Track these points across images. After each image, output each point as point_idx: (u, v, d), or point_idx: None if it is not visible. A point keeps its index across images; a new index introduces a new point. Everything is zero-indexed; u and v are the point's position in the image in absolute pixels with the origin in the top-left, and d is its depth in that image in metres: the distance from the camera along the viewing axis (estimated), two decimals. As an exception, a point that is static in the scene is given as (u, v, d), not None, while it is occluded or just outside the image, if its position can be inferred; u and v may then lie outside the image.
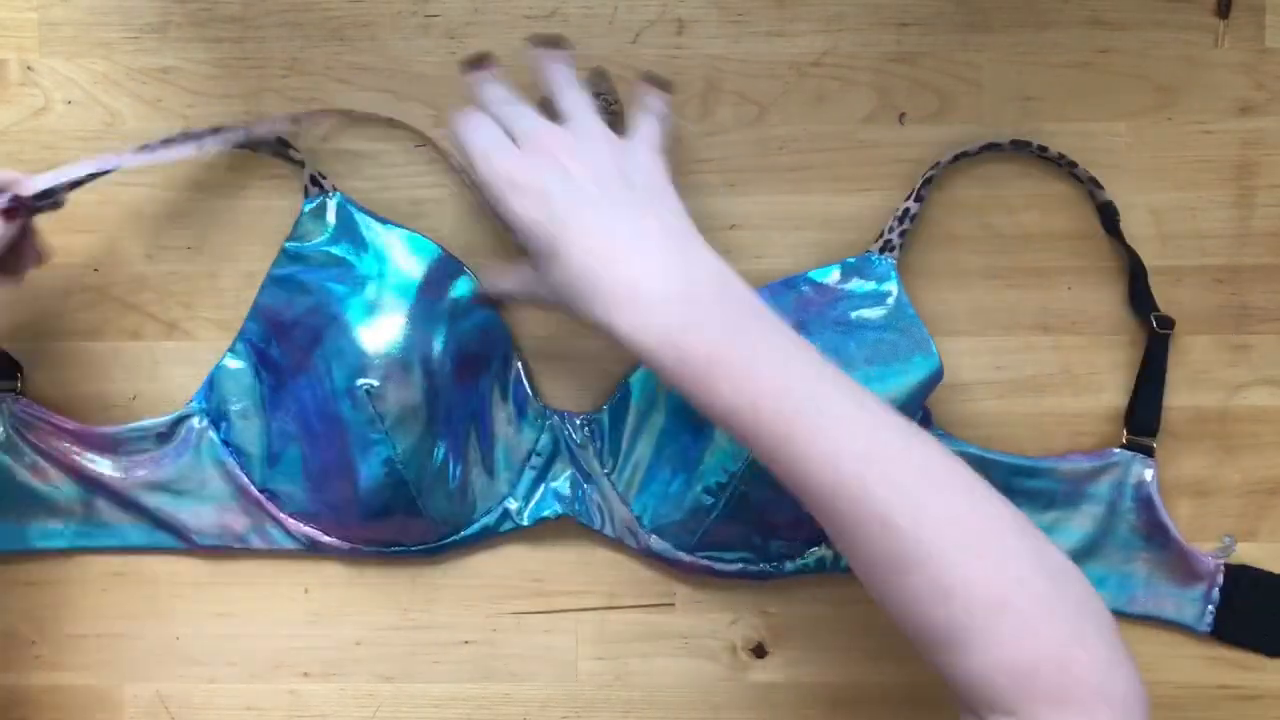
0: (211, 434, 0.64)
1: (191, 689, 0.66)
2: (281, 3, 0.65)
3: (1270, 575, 0.65)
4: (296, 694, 0.67)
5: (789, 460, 0.49)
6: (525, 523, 0.65)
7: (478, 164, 0.54)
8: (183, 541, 0.65)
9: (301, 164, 0.63)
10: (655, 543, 0.64)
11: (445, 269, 0.62)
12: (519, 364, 0.65)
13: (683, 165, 0.65)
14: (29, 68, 0.65)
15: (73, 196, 0.59)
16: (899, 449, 0.48)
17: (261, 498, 0.64)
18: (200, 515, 0.65)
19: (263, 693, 0.67)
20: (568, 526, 0.65)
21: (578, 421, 0.65)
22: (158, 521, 0.64)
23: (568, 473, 0.65)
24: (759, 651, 0.67)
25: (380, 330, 0.59)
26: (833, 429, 0.48)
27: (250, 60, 0.65)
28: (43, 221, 0.65)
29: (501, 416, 0.64)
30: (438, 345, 0.60)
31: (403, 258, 0.61)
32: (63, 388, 0.66)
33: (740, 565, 0.64)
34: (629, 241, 0.51)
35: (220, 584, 0.66)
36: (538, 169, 0.53)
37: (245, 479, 0.64)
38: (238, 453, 0.64)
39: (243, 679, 0.67)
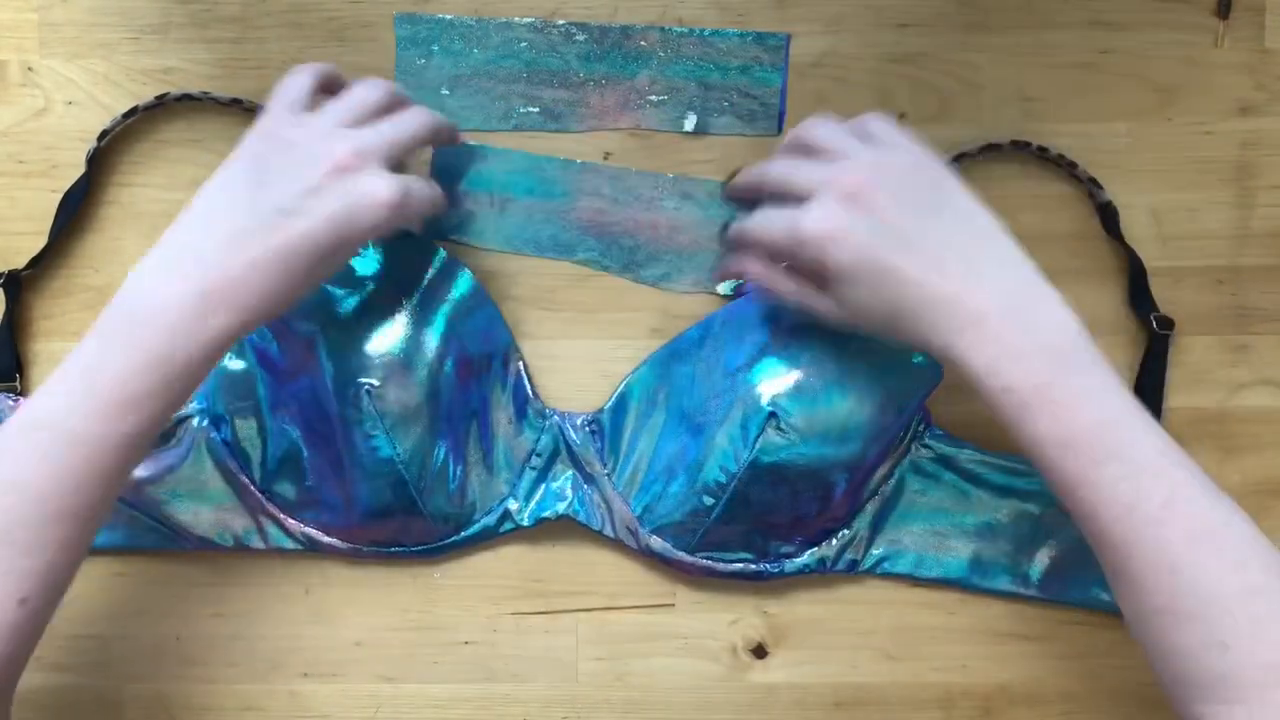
0: (211, 434, 0.64)
1: (191, 689, 0.66)
2: (281, 3, 0.65)
3: (1270, 575, 0.65)
4: (296, 694, 0.67)
5: (1091, 500, 0.50)
6: (525, 523, 0.65)
7: (783, 242, 0.55)
8: (182, 541, 0.65)
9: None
10: (655, 543, 0.64)
11: (448, 270, 0.62)
12: (520, 364, 0.65)
13: (683, 166, 0.65)
14: (29, 68, 0.65)
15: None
16: (1203, 506, 0.50)
17: (261, 497, 0.64)
18: (200, 515, 0.64)
19: (263, 693, 0.67)
20: (568, 526, 0.65)
21: (578, 421, 0.65)
22: (157, 521, 0.64)
23: (568, 473, 0.65)
24: (759, 651, 0.67)
25: (381, 331, 0.59)
26: (1139, 476, 0.50)
27: (250, 60, 0.65)
28: (36, 223, 0.65)
29: (502, 417, 0.64)
30: (439, 346, 0.60)
31: (405, 260, 0.61)
32: (63, 388, 0.66)
33: (740, 565, 0.64)
34: (963, 270, 0.52)
35: (220, 584, 0.66)
36: (845, 218, 0.53)
37: (245, 479, 0.64)
38: (238, 453, 0.64)
39: (243, 679, 0.67)
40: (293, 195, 0.52)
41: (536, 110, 0.65)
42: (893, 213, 0.53)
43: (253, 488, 0.64)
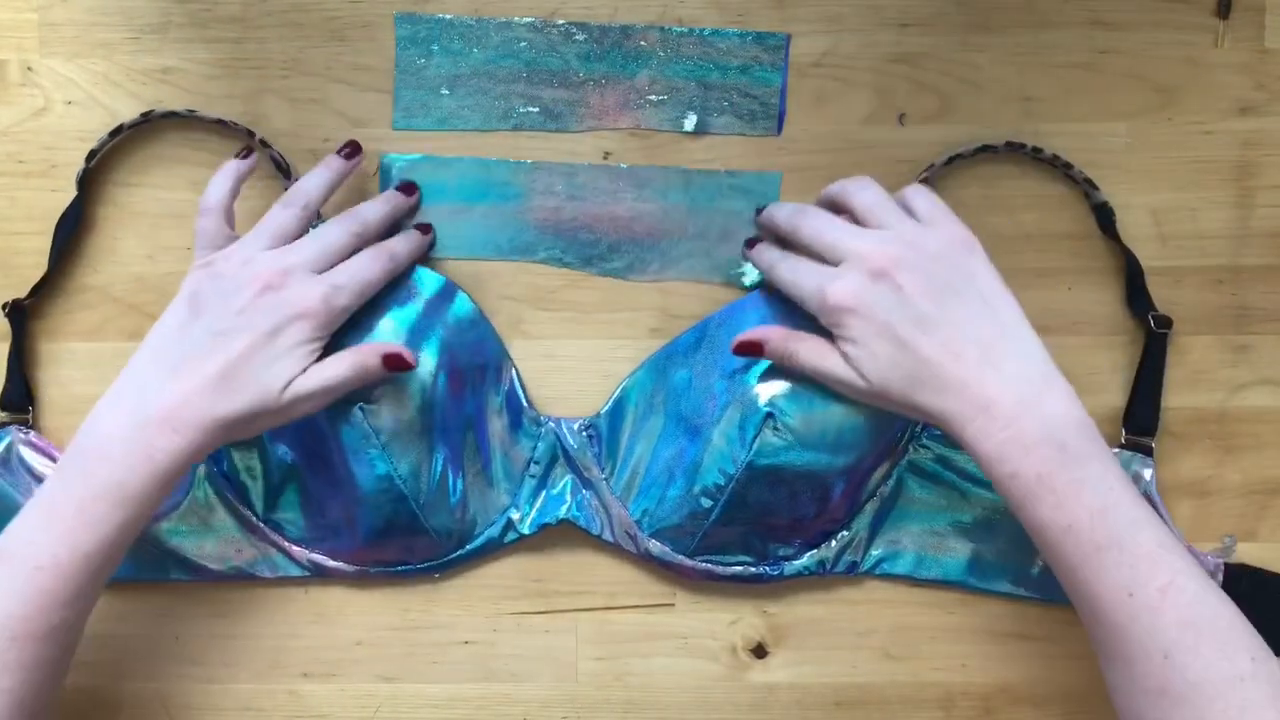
0: (210, 469, 0.64)
1: (191, 689, 0.66)
2: (281, 3, 0.65)
3: (1270, 575, 0.65)
4: (296, 694, 0.67)
5: (1090, 584, 0.52)
6: (528, 531, 0.65)
7: (808, 302, 0.57)
8: (192, 574, 0.65)
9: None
10: (654, 547, 0.64)
11: (445, 294, 0.62)
12: (513, 373, 0.64)
13: (683, 165, 0.65)
14: (29, 68, 0.65)
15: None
16: (1196, 594, 0.51)
17: (265, 528, 0.64)
18: (205, 549, 0.64)
19: (263, 693, 0.67)
20: (568, 528, 0.65)
21: (575, 426, 0.64)
22: (165, 555, 0.64)
23: (567, 478, 0.65)
24: (759, 651, 0.67)
25: None
26: (1137, 564, 0.51)
27: (250, 60, 0.65)
28: (36, 223, 0.65)
29: (498, 426, 0.64)
30: (432, 362, 0.60)
31: (403, 289, 0.61)
32: (63, 388, 0.66)
33: (740, 568, 0.64)
34: (978, 356, 0.54)
35: (220, 583, 0.66)
36: (870, 293, 0.55)
37: (247, 511, 0.64)
38: (238, 485, 0.64)
39: (242, 679, 0.67)
40: (225, 318, 0.55)
41: (536, 110, 0.65)
42: (917, 293, 0.54)
43: (255, 519, 0.64)
